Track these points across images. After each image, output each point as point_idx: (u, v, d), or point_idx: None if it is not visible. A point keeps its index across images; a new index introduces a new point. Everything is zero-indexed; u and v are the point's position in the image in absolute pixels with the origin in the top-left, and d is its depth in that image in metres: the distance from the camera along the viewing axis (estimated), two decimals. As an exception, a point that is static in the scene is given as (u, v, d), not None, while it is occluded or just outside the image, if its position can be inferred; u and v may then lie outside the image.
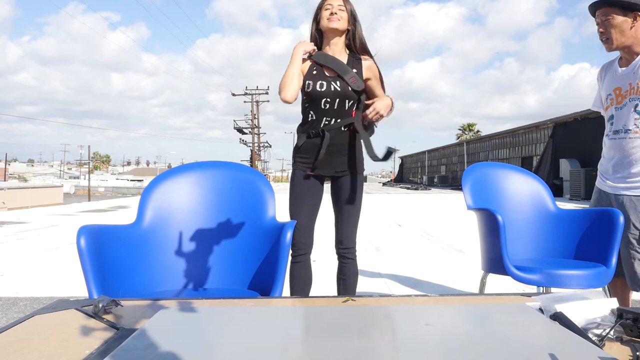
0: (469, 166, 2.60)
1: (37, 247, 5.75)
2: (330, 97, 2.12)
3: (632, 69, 2.12)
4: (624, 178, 2.16)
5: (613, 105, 2.20)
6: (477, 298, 1.29)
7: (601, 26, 2.11)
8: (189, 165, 2.02)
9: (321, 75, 2.14)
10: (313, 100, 2.14)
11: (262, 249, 1.78)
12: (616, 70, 2.20)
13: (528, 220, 2.51)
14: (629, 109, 2.12)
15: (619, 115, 2.16)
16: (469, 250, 5.52)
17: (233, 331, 0.94)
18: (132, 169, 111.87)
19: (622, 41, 2.08)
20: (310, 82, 2.13)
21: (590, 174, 16.91)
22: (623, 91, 2.15)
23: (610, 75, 2.24)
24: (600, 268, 2.07)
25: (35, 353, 0.84)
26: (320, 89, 2.12)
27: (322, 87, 2.12)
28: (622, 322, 0.91)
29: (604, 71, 2.31)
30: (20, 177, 62.50)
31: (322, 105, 2.13)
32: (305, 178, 2.18)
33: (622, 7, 2.03)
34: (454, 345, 0.88)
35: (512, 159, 29.04)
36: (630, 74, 2.12)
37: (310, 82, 2.13)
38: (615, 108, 2.18)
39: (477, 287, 2.37)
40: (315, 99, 2.13)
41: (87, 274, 1.42)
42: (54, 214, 10.45)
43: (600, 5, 2.09)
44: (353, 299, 1.18)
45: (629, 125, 2.12)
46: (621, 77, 2.16)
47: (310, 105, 2.16)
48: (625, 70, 2.15)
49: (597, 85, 2.36)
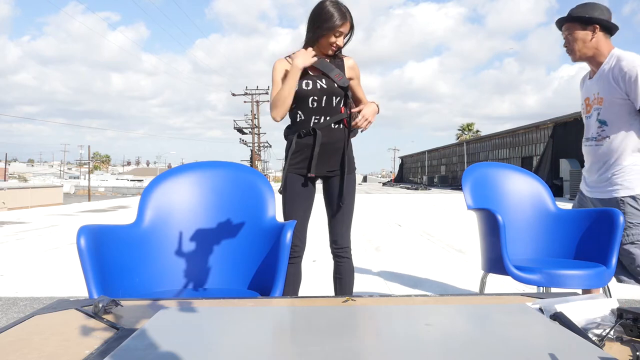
0: (469, 166, 2.60)
1: (37, 247, 5.75)
2: (317, 95, 2.12)
3: (595, 80, 2.30)
4: (595, 182, 2.35)
5: (584, 114, 2.40)
6: (477, 298, 1.29)
7: (566, 39, 2.30)
8: (189, 165, 2.02)
9: (305, 75, 2.14)
10: (300, 99, 2.13)
11: (262, 249, 1.78)
12: (586, 81, 2.40)
13: (528, 220, 2.51)
14: (593, 118, 2.31)
15: (588, 124, 2.36)
16: (469, 250, 5.52)
17: (233, 331, 0.94)
18: (132, 169, 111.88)
19: (584, 52, 2.26)
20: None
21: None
22: (590, 101, 2.34)
23: (584, 86, 2.42)
24: (600, 268, 2.07)
25: (35, 353, 0.84)
26: (307, 88, 2.12)
27: (308, 86, 2.12)
28: (622, 322, 0.91)
29: (582, 81, 2.47)
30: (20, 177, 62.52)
31: (310, 104, 2.13)
32: (298, 180, 2.19)
33: (581, 22, 2.23)
34: (454, 345, 0.88)
35: (512, 159, 29.05)
36: (594, 84, 2.30)
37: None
38: (585, 117, 2.38)
39: (477, 287, 2.37)
40: (302, 99, 2.12)
41: (87, 274, 1.42)
42: (54, 214, 10.45)
43: (564, 21, 2.30)
44: (353, 299, 1.18)
45: (594, 133, 2.31)
46: (589, 87, 2.35)
47: (297, 106, 2.15)
48: (591, 82, 2.34)
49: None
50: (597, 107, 2.28)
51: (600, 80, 2.25)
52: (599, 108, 2.26)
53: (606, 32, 2.23)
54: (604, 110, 2.24)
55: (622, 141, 2.21)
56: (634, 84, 2.12)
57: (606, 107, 2.23)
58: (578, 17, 2.23)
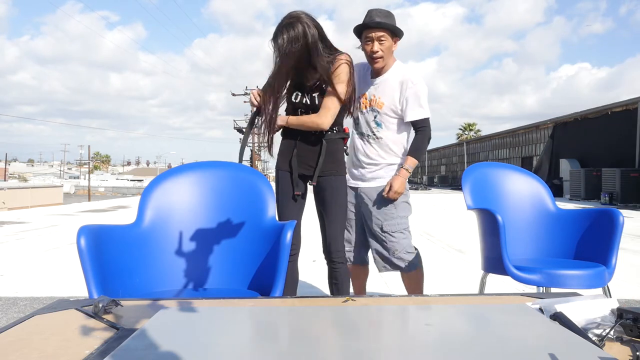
0: (469, 166, 2.60)
1: (37, 247, 5.75)
2: (303, 109, 2.18)
3: (378, 82, 2.40)
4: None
5: (358, 109, 2.47)
6: (477, 298, 1.29)
7: (378, 43, 2.33)
8: (189, 165, 2.02)
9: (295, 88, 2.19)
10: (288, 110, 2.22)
11: (262, 249, 1.78)
12: (367, 78, 2.47)
13: (528, 220, 2.51)
14: (370, 117, 2.42)
15: (362, 119, 2.45)
16: (469, 250, 5.52)
17: (233, 331, 0.94)
18: (132, 169, 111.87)
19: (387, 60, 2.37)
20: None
21: (590, 174, 16.91)
22: (367, 99, 2.43)
23: (363, 80, 2.47)
24: (600, 268, 2.07)
25: (35, 353, 0.84)
26: (295, 100, 2.18)
27: (297, 99, 2.18)
28: (622, 322, 0.91)
29: (358, 69, 2.44)
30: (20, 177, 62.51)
31: (299, 114, 2.19)
32: (287, 178, 2.20)
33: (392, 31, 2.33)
34: (454, 345, 0.88)
35: (512, 159, 29.04)
36: (375, 86, 2.41)
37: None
38: (360, 111, 2.46)
39: (477, 287, 2.37)
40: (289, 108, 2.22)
41: (87, 274, 1.42)
42: (54, 214, 10.45)
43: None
44: (353, 299, 1.18)
45: (368, 131, 2.42)
46: (370, 86, 2.44)
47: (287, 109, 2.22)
48: (373, 81, 2.43)
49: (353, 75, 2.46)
50: (376, 109, 2.43)
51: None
52: (377, 110, 2.43)
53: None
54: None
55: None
56: None
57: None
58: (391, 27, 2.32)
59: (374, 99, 2.40)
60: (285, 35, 2.00)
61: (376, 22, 2.29)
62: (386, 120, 2.38)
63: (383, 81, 2.39)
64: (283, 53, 2.01)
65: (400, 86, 2.35)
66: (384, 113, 2.38)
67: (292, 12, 2.08)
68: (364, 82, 2.46)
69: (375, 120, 2.40)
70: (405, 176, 2.36)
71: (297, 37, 1.99)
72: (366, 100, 2.43)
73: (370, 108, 2.41)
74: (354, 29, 2.39)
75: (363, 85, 2.45)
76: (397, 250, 2.39)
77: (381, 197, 2.39)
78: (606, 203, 15.08)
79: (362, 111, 2.45)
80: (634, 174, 14.95)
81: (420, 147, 2.39)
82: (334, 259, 2.18)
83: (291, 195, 2.19)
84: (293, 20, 2.02)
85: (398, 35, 2.36)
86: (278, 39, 2.01)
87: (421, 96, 2.35)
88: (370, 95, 2.42)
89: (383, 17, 2.31)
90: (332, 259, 2.18)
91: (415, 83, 2.34)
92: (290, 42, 1.99)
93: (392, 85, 2.37)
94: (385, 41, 2.30)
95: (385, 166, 2.41)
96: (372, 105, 2.40)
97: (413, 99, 2.33)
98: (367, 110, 2.42)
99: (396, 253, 2.39)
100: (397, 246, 2.39)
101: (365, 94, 2.44)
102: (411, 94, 2.33)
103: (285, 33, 2.00)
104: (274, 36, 2.05)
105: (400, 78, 2.36)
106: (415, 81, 2.34)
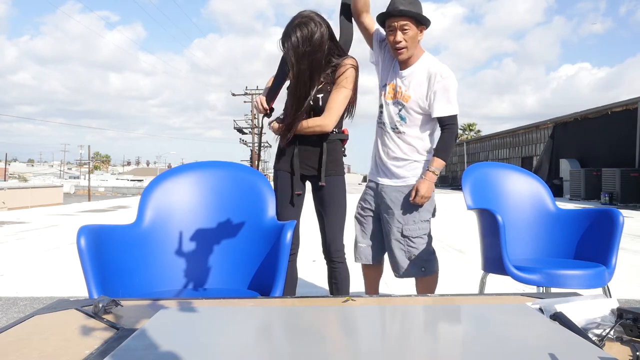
0: (468, 166, 2.59)
1: (37, 247, 5.75)
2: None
3: (405, 74, 2.27)
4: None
5: (383, 97, 2.34)
6: (477, 298, 1.29)
7: (401, 33, 2.18)
8: (189, 165, 2.02)
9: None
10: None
11: (262, 249, 1.78)
12: (396, 65, 2.31)
13: (528, 220, 2.51)
14: (394, 109, 2.29)
15: (387, 110, 2.32)
16: (469, 250, 5.52)
17: (233, 331, 0.94)
18: (132, 169, 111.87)
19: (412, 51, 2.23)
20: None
21: (590, 174, 16.92)
22: (394, 89, 2.30)
23: (391, 65, 2.33)
24: (600, 268, 2.07)
25: (35, 353, 0.84)
26: None
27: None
28: (622, 322, 0.91)
29: (388, 55, 2.34)
30: (20, 177, 62.50)
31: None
32: (287, 179, 2.20)
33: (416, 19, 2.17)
34: (454, 345, 0.88)
35: (512, 159, 29.04)
36: (402, 77, 2.28)
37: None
38: (384, 101, 2.33)
39: (477, 287, 2.37)
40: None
41: (87, 274, 1.42)
42: (54, 214, 10.44)
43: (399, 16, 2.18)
44: (353, 299, 1.18)
45: (392, 124, 2.30)
46: (396, 76, 2.30)
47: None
48: (401, 72, 2.29)
49: (378, 44, 2.36)
50: (401, 102, 2.29)
51: None
52: (401, 103, 2.29)
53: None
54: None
55: None
56: None
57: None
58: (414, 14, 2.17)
59: (400, 91, 2.26)
60: (299, 33, 1.97)
61: (398, 10, 2.13)
62: (411, 115, 2.25)
63: (410, 73, 2.25)
64: (299, 53, 1.98)
65: (428, 79, 2.22)
66: (410, 107, 2.24)
67: (303, 11, 2.05)
68: (392, 70, 2.31)
69: (399, 114, 2.27)
70: (432, 179, 2.22)
71: (311, 36, 1.97)
72: (392, 90, 2.30)
73: (395, 100, 2.28)
74: (377, 18, 2.25)
75: (390, 73, 2.32)
76: (416, 256, 2.28)
77: (404, 199, 2.27)
78: (606, 203, 15.09)
79: (386, 102, 2.32)
80: (634, 174, 14.95)
81: (448, 147, 2.25)
82: (333, 259, 2.18)
83: (290, 195, 2.19)
84: (306, 20, 1.99)
85: (424, 23, 2.19)
86: (292, 38, 1.98)
87: (450, 90, 2.21)
88: (397, 87, 2.28)
89: (407, 4, 2.15)
90: (331, 258, 2.19)
91: (445, 77, 2.21)
92: (305, 41, 1.97)
93: (420, 78, 2.24)
94: (409, 30, 2.15)
95: (408, 164, 2.28)
96: (397, 98, 2.27)
97: (441, 93, 2.20)
98: (392, 101, 2.30)
99: (415, 259, 2.29)
100: (416, 252, 2.28)
101: (393, 84, 2.30)
102: (440, 88, 2.20)
103: (298, 32, 1.97)
104: (286, 36, 2.00)
105: (429, 70, 2.23)
106: (444, 74, 2.21)
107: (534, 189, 2.58)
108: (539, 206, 2.53)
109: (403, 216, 2.26)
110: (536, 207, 2.53)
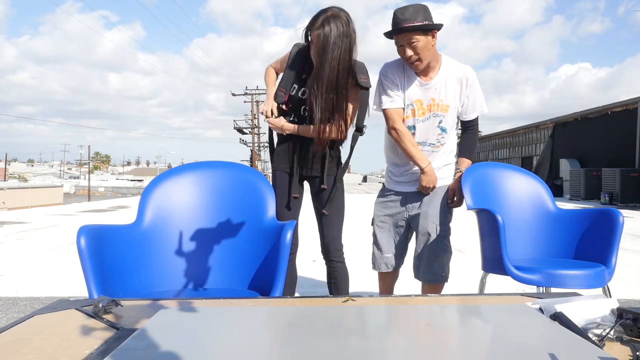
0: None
1: (37, 247, 5.75)
2: (308, 108, 2.13)
3: (434, 83, 2.18)
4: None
5: (414, 116, 2.22)
6: (477, 298, 1.29)
7: (409, 48, 2.10)
8: (189, 165, 2.02)
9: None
10: (293, 105, 2.17)
11: (262, 249, 1.78)
12: (415, 80, 2.20)
13: (528, 220, 2.51)
14: (432, 123, 2.21)
15: (422, 127, 2.22)
16: (469, 250, 5.52)
17: (233, 331, 0.94)
18: (132, 169, 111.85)
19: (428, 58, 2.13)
20: (296, 86, 2.15)
21: (590, 174, 16.92)
22: (424, 104, 2.20)
23: (409, 83, 2.21)
24: (600, 268, 2.07)
25: (35, 353, 0.84)
26: (302, 96, 2.14)
27: (305, 95, 2.14)
28: (622, 322, 0.91)
29: (396, 71, 2.23)
30: (20, 177, 62.50)
31: (302, 112, 2.16)
32: (284, 179, 2.20)
33: (422, 30, 2.07)
34: (454, 345, 0.88)
35: (512, 159, 29.03)
36: (432, 88, 2.19)
37: (296, 86, 2.15)
38: (416, 120, 2.22)
39: (477, 287, 2.37)
40: (295, 105, 2.16)
41: (87, 274, 1.42)
42: (54, 214, 10.44)
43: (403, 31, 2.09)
44: (353, 299, 1.18)
45: (431, 139, 2.24)
46: (423, 89, 2.20)
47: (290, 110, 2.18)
48: (427, 84, 2.19)
49: (384, 84, 2.25)
50: (439, 114, 2.21)
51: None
52: (441, 115, 2.22)
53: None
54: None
55: None
56: None
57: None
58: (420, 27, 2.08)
59: (433, 103, 2.19)
60: (334, 25, 1.91)
61: (398, 28, 2.07)
62: (449, 124, 2.23)
63: (441, 82, 2.18)
64: (330, 44, 1.91)
65: (460, 84, 2.20)
66: (450, 116, 2.21)
67: (334, 6, 1.98)
68: (414, 86, 2.19)
69: (440, 126, 2.21)
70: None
71: (345, 33, 1.95)
72: (422, 106, 2.20)
73: (433, 114, 2.20)
74: (385, 35, 2.16)
75: (413, 90, 2.20)
76: (442, 257, 2.28)
77: (440, 200, 2.28)
78: (606, 203, 15.09)
79: (417, 119, 2.20)
80: (634, 174, 14.96)
81: (474, 147, 2.31)
82: (332, 259, 2.18)
83: (288, 196, 2.19)
84: (340, 14, 1.95)
85: (432, 29, 2.09)
86: (325, 28, 1.91)
87: (480, 91, 2.24)
88: (428, 100, 2.19)
89: (410, 13, 2.05)
90: (330, 258, 2.19)
91: (474, 79, 2.21)
92: (339, 36, 1.92)
93: (452, 84, 2.19)
94: (418, 42, 2.06)
95: (445, 167, 2.32)
96: (434, 110, 2.20)
97: (475, 97, 2.22)
98: (428, 115, 2.20)
99: (441, 260, 2.28)
100: (444, 254, 2.29)
101: (420, 99, 2.19)
102: (473, 92, 2.22)
103: (333, 24, 1.91)
104: (315, 25, 1.92)
105: (457, 75, 2.20)
106: (472, 76, 2.21)
107: (534, 189, 2.58)
108: (539, 206, 2.53)
109: (438, 216, 2.29)
110: (536, 207, 2.53)
